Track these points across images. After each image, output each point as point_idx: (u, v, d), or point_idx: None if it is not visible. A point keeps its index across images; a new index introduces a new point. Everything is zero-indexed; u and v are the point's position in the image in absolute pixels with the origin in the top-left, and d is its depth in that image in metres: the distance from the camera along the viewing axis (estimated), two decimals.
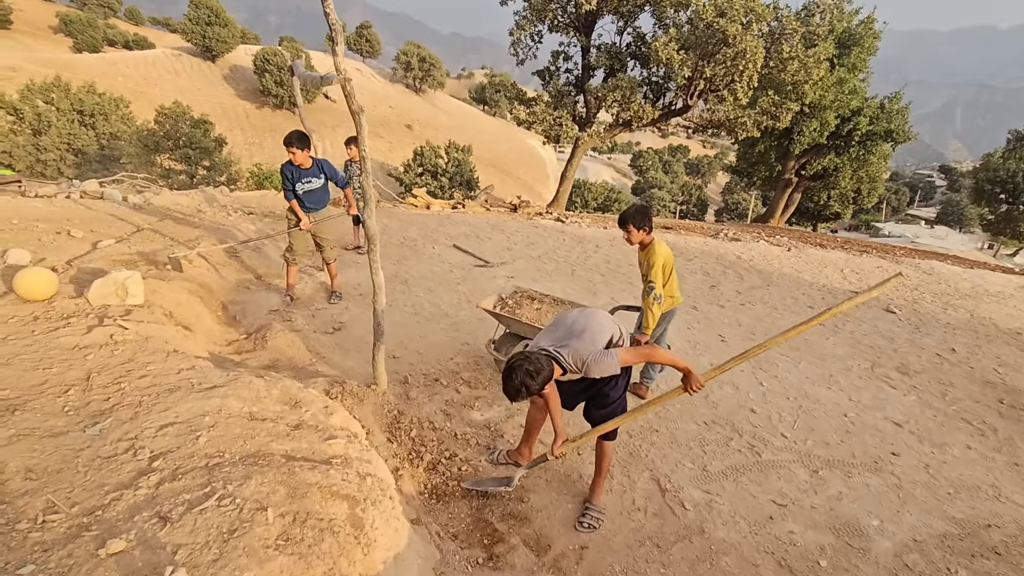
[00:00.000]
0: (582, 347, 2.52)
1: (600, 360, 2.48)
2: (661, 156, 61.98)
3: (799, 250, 9.81)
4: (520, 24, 14.41)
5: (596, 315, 2.77)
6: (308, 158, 4.90)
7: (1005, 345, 5.81)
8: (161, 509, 1.73)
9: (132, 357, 2.81)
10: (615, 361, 2.49)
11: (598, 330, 2.66)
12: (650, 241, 3.58)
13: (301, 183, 4.95)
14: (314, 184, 5.03)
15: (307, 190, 5.01)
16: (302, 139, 4.77)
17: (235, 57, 40.78)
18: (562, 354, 2.51)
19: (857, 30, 17.33)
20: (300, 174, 4.92)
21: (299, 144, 4.74)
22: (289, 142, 4.74)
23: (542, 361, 2.42)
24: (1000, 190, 25.22)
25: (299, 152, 4.77)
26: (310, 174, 4.97)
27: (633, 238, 3.57)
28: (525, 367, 2.37)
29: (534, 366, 2.38)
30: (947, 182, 73.22)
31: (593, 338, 2.59)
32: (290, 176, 4.91)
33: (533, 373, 2.36)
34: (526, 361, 2.39)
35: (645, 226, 3.51)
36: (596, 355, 2.49)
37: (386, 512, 2.20)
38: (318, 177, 5.04)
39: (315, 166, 5.00)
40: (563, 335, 2.61)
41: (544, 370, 2.40)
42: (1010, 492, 3.44)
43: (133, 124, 21.59)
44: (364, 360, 4.32)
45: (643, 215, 3.51)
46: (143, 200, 7.53)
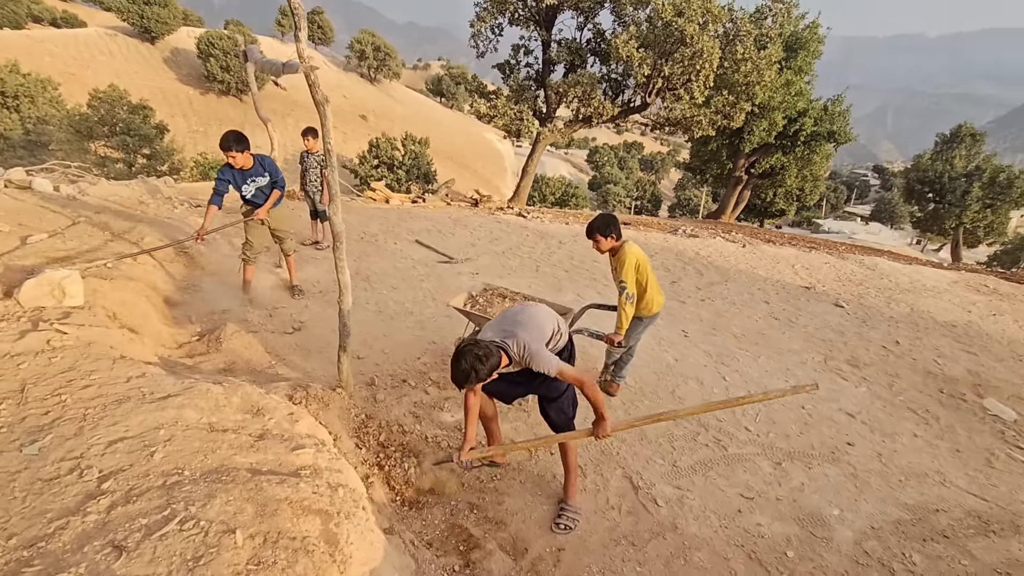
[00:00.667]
0: (527, 337, 2.57)
1: (542, 356, 2.53)
2: (617, 152, 62.96)
3: (753, 247, 10.15)
4: (480, 16, 14.24)
5: (540, 309, 2.86)
6: (249, 157, 4.56)
7: (942, 337, 6.20)
8: (115, 537, 1.57)
9: (73, 365, 2.57)
10: (555, 364, 2.52)
11: (543, 322, 2.74)
12: (620, 245, 3.59)
13: (247, 184, 4.63)
14: (260, 182, 4.71)
15: (252, 192, 4.69)
16: (240, 140, 4.42)
17: (177, 39, 38.58)
18: (508, 343, 2.55)
19: (803, 34, 18.08)
20: (243, 176, 4.59)
21: (237, 146, 4.39)
22: (227, 145, 4.35)
23: (491, 348, 2.45)
24: (928, 189, 26.92)
25: (239, 155, 4.43)
26: (253, 173, 4.65)
27: (602, 246, 3.59)
28: (475, 352, 2.39)
29: (483, 351, 2.41)
30: (880, 181, 77.78)
31: (540, 329, 2.67)
32: (232, 180, 4.55)
33: (482, 358, 2.39)
34: (475, 347, 2.41)
35: (612, 234, 3.53)
36: (541, 351, 2.55)
37: (360, 524, 2.10)
38: (262, 175, 4.71)
39: (257, 164, 4.66)
40: (509, 326, 2.66)
41: (493, 356, 2.43)
42: (954, 477, 3.66)
43: (63, 108, 20.10)
44: (327, 361, 4.16)
45: (607, 224, 3.54)
46: (77, 190, 6.98)
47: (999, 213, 24.87)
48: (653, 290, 3.71)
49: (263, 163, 4.74)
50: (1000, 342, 6.19)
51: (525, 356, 2.54)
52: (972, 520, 3.23)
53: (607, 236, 3.54)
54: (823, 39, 18.42)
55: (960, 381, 5.12)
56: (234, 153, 4.41)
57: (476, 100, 16.16)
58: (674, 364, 4.88)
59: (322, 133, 2.99)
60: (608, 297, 6.30)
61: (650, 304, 3.73)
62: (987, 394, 4.88)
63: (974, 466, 3.82)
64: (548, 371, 2.51)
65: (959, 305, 7.42)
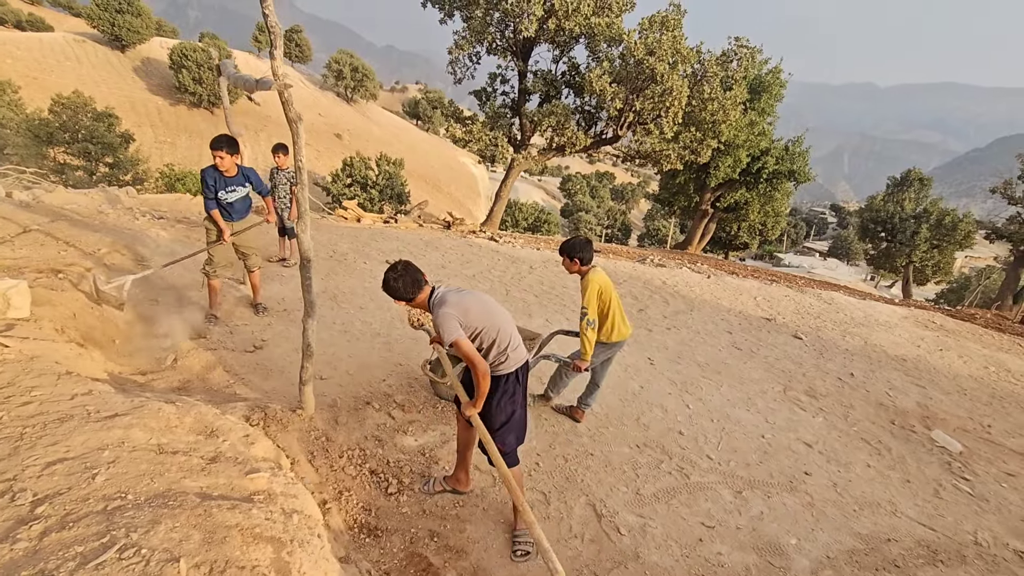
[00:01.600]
0: (452, 299, 2.61)
1: (446, 320, 2.53)
2: (589, 181, 64.24)
3: (717, 278, 10.44)
4: (459, 44, 14.49)
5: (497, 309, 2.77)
6: (235, 165, 4.56)
7: (893, 370, 6.45)
8: (46, 567, 1.47)
9: (13, 380, 2.43)
10: (452, 333, 2.50)
11: (479, 311, 2.64)
12: (586, 271, 3.64)
13: (225, 191, 4.57)
14: (239, 193, 4.68)
15: (231, 200, 4.65)
16: (231, 143, 4.41)
17: (148, 49, 37.91)
18: (437, 292, 2.65)
19: (766, 78, 19.03)
20: (225, 182, 4.55)
21: (228, 148, 4.38)
22: (217, 145, 4.36)
23: (413, 271, 2.59)
24: (881, 229, 28.36)
25: (227, 157, 4.41)
26: (235, 182, 4.62)
27: (571, 268, 3.64)
28: (395, 268, 2.58)
29: (401, 270, 2.57)
30: (837, 219, 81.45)
31: (465, 306, 2.61)
32: (213, 183, 4.51)
33: (400, 273, 2.56)
34: (398, 268, 2.58)
35: (579, 257, 3.57)
36: (448, 314, 2.55)
37: (314, 553, 2.02)
38: (243, 186, 4.69)
39: (240, 174, 4.66)
40: (456, 291, 2.70)
41: (410, 276, 2.56)
42: (904, 507, 3.77)
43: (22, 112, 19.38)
44: (288, 381, 4.05)
45: (579, 248, 3.57)
46: (32, 197, 6.71)
47: (945, 253, 26.31)
48: (618, 318, 3.73)
49: (247, 175, 4.72)
50: (946, 376, 6.48)
51: (434, 310, 2.59)
52: (921, 550, 3.32)
53: (573, 259, 3.58)
54: (784, 83, 19.43)
55: (910, 413, 5.32)
56: (223, 154, 4.38)
57: (452, 124, 16.32)
58: (639, 391, 4.93)
59: (294, 150, 2.97)
60: (576, 323, 6.35)
61: (610, 332, 3.73)
62: (935, 426, 5.08)
63: (923, 496, 3.94)
64: (444, 336, 2.52)
65: (909, 340, 7.76)
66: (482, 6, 13.77)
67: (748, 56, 14.59)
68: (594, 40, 13.80)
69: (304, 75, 51.04)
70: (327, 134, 40.61)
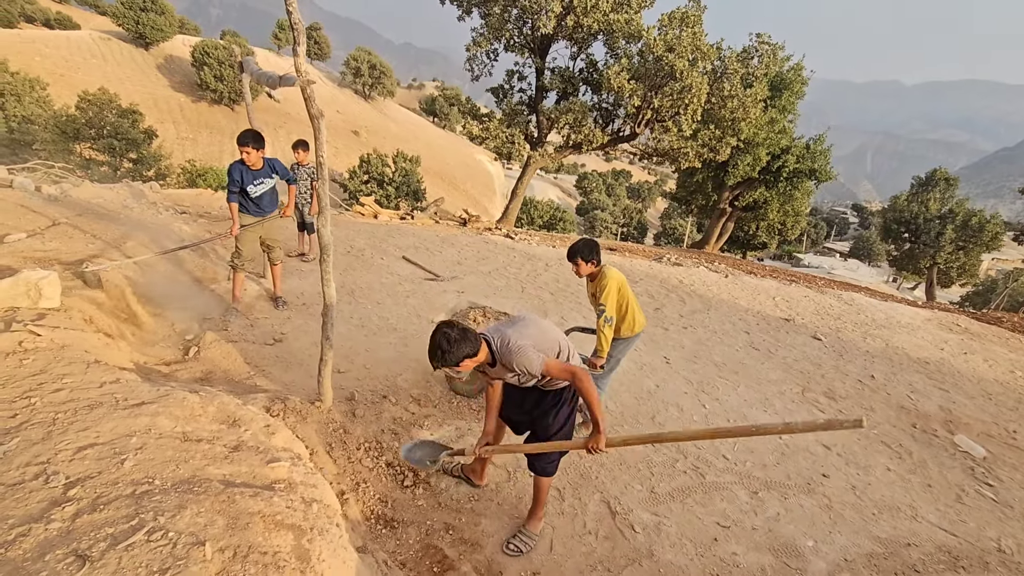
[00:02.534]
0: (514, 335, 2.44)
1: (524, 352, 2.37)
2: (605, 179, 63.95)
3: (735, 277, 10.32)
4: (477, 41, 14.53)
5: (546, 324, 2.67)
6: (260, 159, 4.65)
7: (915, 373, 6.33)
8: (79, 546, 1.52)
9: (45, 368, 2.51)
10: (539, 361, 2.38)
11: (539, 333, 2.55)
12: (599, 270, 3.63)
13: (253, 185, 4.68)
14: (266, 185, 4.78)
15: (259, 193, 4.75)
16: (257, 139, 4.51)
17: (171, 47, 38.60)
18: (492, 337, 2.44)
19: (788, 75, 18.75)
20: (252, 175, 4.65)
21: (255, 144, 4.49)
22: (244, 141, 4.47)
23: (469, 334, 2.33)
24: (904, 229, 27.81)
25: (253, 152, 4.52)
26: (261, 175, 4.72)
27: (582, 271, 3.62)
28: (448, 332, 2.29)
29: (457, 333, 2.29)
30: (859, 219, 79.99)
31: (527, 333, 2.50)
32: (239, 178, 4.61)
33: (453, 340, 2.27)
34: (451, 328, 2.31)
35: (592, 259, 3.57)
36: (524, 347, 2.39)
37: (333, 542, 2.06)
38: (270, 177, 4.80)
39: (266, 167, 4.76)
40: (504, 325, 2.55)
41: (468, 342, 2.30)
42: (925, 512, 3.71)
43: (50, 108, 19.88)
44: (306, 374, 4.11)
45: (589, 249, 3.56)
46: (60, 191, 6.89)
47: (971, 255, 25.70)
48: (636, 311, 3.75)
49: (273, 165, 4.83)
50: (971, 380, 6.34)
51: (506, 351, 2.40)
52: (942, 555, 3.27)
53: (588, 261, 3.58)
54: (807, 80, 19.12)
55: (932, 417, 5.22)
56: (249, 149, 4.50)
57: (469, 122, 16.39)
58: (655, 390, 4.91)
59: (315, 146, 3.01)
60: (593, 321, 6.34)
61: (632, 324, 3.75)
62: (958, 430, 4.98)
63: (945, 501, 3.87)
64: (530, 369, 2.37)
65: (932, 342, 7.61)
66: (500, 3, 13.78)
67: (770, 53, 14.39)
68: (613, 37, 13.72)
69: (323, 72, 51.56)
70: (345, 131, 40.97)
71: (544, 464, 2.82)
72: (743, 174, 19.20)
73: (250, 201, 4.76)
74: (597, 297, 3.61)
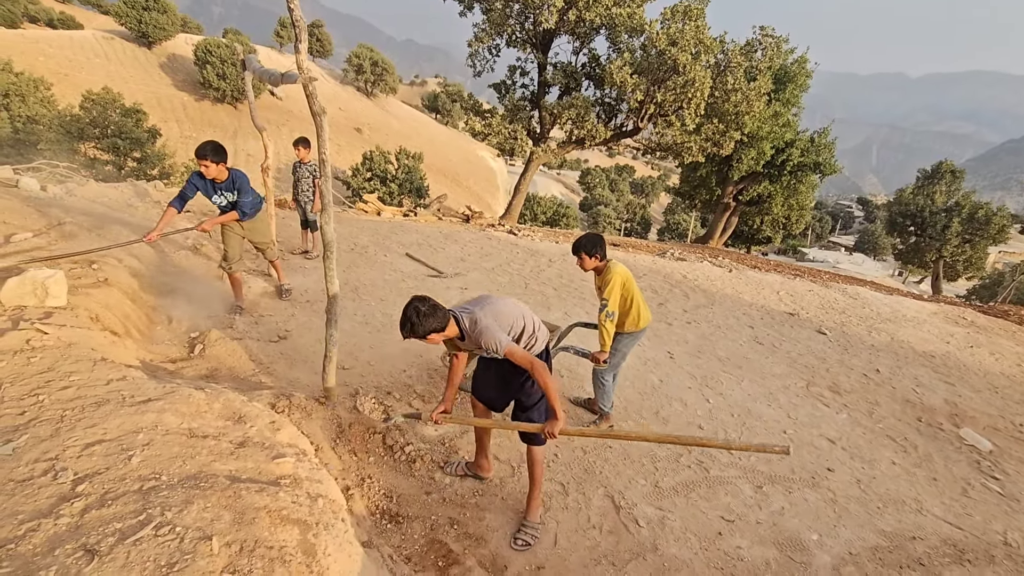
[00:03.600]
0: (481, 314, 2.60)
1: (491, 332, 2.54)
2: (608, 174, 63.78)
3: (739, 271, 10.29)
4: (479, 36, 14.48)
5: (512, 301, 2.83)
6: (224, 170, 4.47)
7: (921, 367, 6.30)
8: (87, 541, 1.54)
9: (52, 366, 2.53)
10: (504, 342, 2.53)
11: (502, 310, 2.71)
12: (604, 265, 3.63)
13: (217, 195, 4.56)
14: (228, 198, 4.62)
15: (224, 204, 4.62)
16: (217, 151, 4.33)
17: (174, 46, 38.60)
18: (460, 315, 2.61)
19: (792, 68, 18.61)
20: (215, 187, 4.53)
21: (213, 156, 4.30)
22: (202, 154, 4.26)
23: (438, 310, 2.50)
24: (910, 223, 27.63)
25: (212, 166, 4.33)
26: (224, 187, 4.56)
27: (586, 265, 3.63)
28: (418, 306, 2.47)
29: (427, 308, 2.47)
30: (864, 213, 79.50)
31: (496, 313, 2.66)
32: (203, 189, 4.48)
33: (424, 314, 2.45)
34: (422, 302, 2.48)
35: (596, 253, 3.57)
36: (491, 327, 2.56)
37: (339, 536, 2.07)
38: (231, 191, 4.60)
39: (229, 180, 4.56)
40: (472, 304, 2.72)
41: (436, 317, 2.48)
42: (930, 506, 3.70)
43: (54, 108, 19.94)
44: (311, 371, 4.13)
45: (594, 243, 3.57)
46: (65, 191, 6.92)
47: (977, 248, 25.53)
48: (641, 306, 3.75)
49: (235, 181, 4.58)
50: (977, 373, 6.31)
51: (475, 331, 2.57)
52: (948, 549, 3.26)
53: (591, 255, 3.58)
54: (811, 73, 18.98)
55: (938, 410, 5.21)
56: (208, 163, 4.30)
57: (471, 118, 16.37)
58: (659, 385, 4.91)
59: (318, 143, 3.02)
60: (595, 316, 6.34)
61: (637, 320, 3.75)
62: (964, 424, 4.96)
63: (950, 495, 3.87)
64: (496, 348, 2.52)
65: (938, 336, 7.57)
66: None
67: (773, 45, 14.29)
68: (615, 31, 13.66)
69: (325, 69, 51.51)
70: (347, 128, 40.95)
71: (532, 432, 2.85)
72: (747, 168, 19.09)
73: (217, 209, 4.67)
74: (602, 291, 3.62)
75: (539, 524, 2.94)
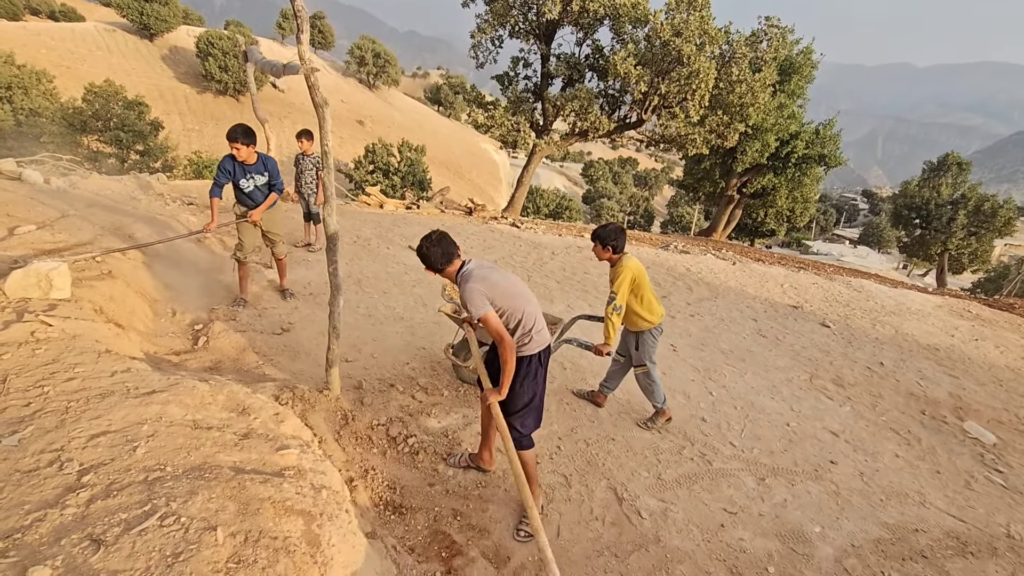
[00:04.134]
0: (479, 273, 2.63)
1: (471, 292, 2.55)
2: (611, 167, 63.48)
3: (743, 264, 10.26)
4: (482, 27, 14.38)
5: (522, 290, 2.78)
6: (253, 153, 4.56)
7: (925, 360, 6.28)
8: (93, 531, 1.55)
9: (57, 357, 2.54)
10: (481, 307, 2.52)
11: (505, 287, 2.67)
12: (618, 258, 3.62)
13: (245, 179, 4.61)
14: (259, 180, 4.69)
15: (250, 188, 4.66)
16: (247, 134, 4.42)
17: (175, 38, 38.52)
18: (467, 263, 2.69)
19: (797, 59, 18.44)
20: (244, 170, 4.59)
21: (244, 139, 4.39)
22: (234, 136, 4.37)
23: (446, 242, 2.64)
24: (915, 215, 27.46)
25: (243, 148, 4.42)
26: (255, 170, 4.63)
27: (600, 255, 3.63)
28: (431, 235, 2.63)
29: (436, 236, 2.63)
30: (869, 206, 79.04)
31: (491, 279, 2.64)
32: (231, 171, 4.54)
33: (433, 242, 2.61)
34: (434, 233, 2.65)
35: (610, 246, 3.55)
36: (475, 289, 2.57)
37: (342, 527, 2.08)
38: (262, 174, 4.69)
39: (260, 162, 4.66)
40: (484, 265, 2.74)
41: (443, 247, 2.61)
42: (933, 498, 3.70)
43: (56, 101, 19.93)
44: (314, 363, 4.14)
45: (612, 235, 3.55)
46: (68, 183, 6.93)
47: (983, 241, 25.37)
48: (652, 301, 3.75)
49: (266, 163, 4.73)
50: (981, 366, 6.29)
51: (462, 281, 2.63)
52: (950, 541, 3.26)
53: (605, 247, 3.57)
54: (816, 64, 18.81)
55: (942, 403, 5.19)
56: (239, 145, 4.41)
57: (474, 110, 16.28)
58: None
59: (320, 135, 3.01)
60: (598, 309, 6.34)
61: (651, 313, 3.75)
62: (967, 417, 4.95)
63: (954, 488, 3.86)
64: (472, 311, 2.53)
65: (943, 329, 7.54)
66: None
67: (779, 36, 14.16)
68: (619, 21, 13.54)
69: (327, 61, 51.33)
70: (350, 121, 40.86)
71: (515, 438, 2.79)
72: (751, 160, 18.98)
73: (243, 195, 4.70)
74: (612, 284, 3.62)
75: (541, 515, 2.94)
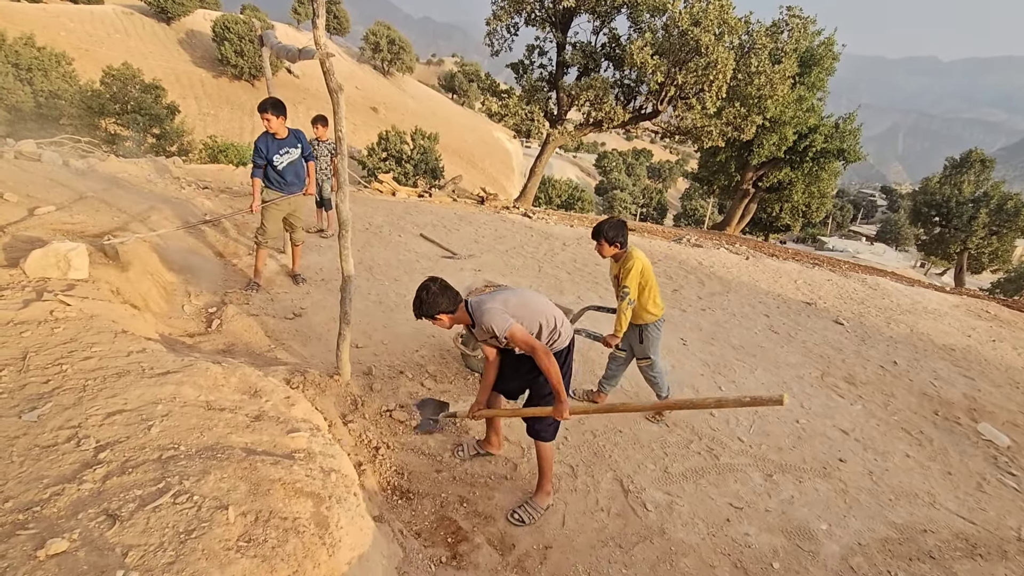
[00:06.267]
0: (488, 299, 2.60)
1: (491, 313, 2.51)
2: (625, 158, 62.92)
3: (756, 259, 10.15)
4: (497, 14, 14.24)
5: (537, 298, 2.79)
6: (284, 127, 4.56)
7: (940, 360, 6.20)
8: (109, 506, 1.59)
9: (75, 336, 2.59)
10: (506, 325, 2.49)
11: (521, 304, 2.66)
12: (623, 252, 3.58)
13: (279, 154, 4.60)
14: (292, 155, 4.69)
15: (286, 163, 4.66)
16: (277, 105, 4.41)
17: (192, 21, 38.67)
18: (471, 301, 2.62)
19: (818, 50, 18.07)
20: (277, 145, 4.58)
21: (274, 111, 4.39)
22: (264, 108, 4.37)
23: (449, 292, 2.55)
24: (935, 213, 26.95)
25: (274, 119, 4.42)
26: (287, 144, 4.64)
27: (604, 252, 3.56)
28: (430, 285, 2.53)
29: (438, 288, 2.52)
30: (887, 202, 77.65)
31: (504, 299, 2.63)
32: (265, 149, 4.54)
33: (433, 293, 2.50)
34: (435, 283, 2.54)
35: (617, 240, 3.50)
36: (492, 309, 2.53)
37: (351, 510, 2.11)
38: (295, 147, 4.70)
39: (292, 136, 4.67)
40: (490, 293, 2.71)
41: (446, 298, 2.52)
42: (944, 499, 3.66)
43: (76, 83, 20.14)
44: (325, 348, 4.18)
45: (616, 230, 3.49)
46: (87, 165, 7.02)
47: (1004, 240, 24.88)
48: (656, 295, 3.72)
49: (297, 136, 4.74)
50: (998, 368, 6.19)
51: (478, 313, 2.56)
52: (959, 542, 3.24)
53: (612, 243, 3.52)
54: (838, 56, 18.42)
55: (955, 404, 5.13)
56: (269, 116, 4.41)
57: (488, 98, 16.18)
58: (671, 371, 4.88)
59: (335, 120, 3.01)
60: (609, 300, 6.31)
61: (656, 306, 3.72)
62: (982, 419, 4.88)
63: (965, 489, 3.82)
64: (496, 330, 2.50)
65: (959, 329, 7.42)
66: None
67: (800, 27, 13.84)
68: (636, 10, 13.35)
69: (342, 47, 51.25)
70: (364, 107, 40.84)
71: (540, 428, 2.88)
72: (768, 154, 18.70)
73: (276, 174, 4.68)
74: (620, 279, 3.56)
75: (543, 509, 2.95)
